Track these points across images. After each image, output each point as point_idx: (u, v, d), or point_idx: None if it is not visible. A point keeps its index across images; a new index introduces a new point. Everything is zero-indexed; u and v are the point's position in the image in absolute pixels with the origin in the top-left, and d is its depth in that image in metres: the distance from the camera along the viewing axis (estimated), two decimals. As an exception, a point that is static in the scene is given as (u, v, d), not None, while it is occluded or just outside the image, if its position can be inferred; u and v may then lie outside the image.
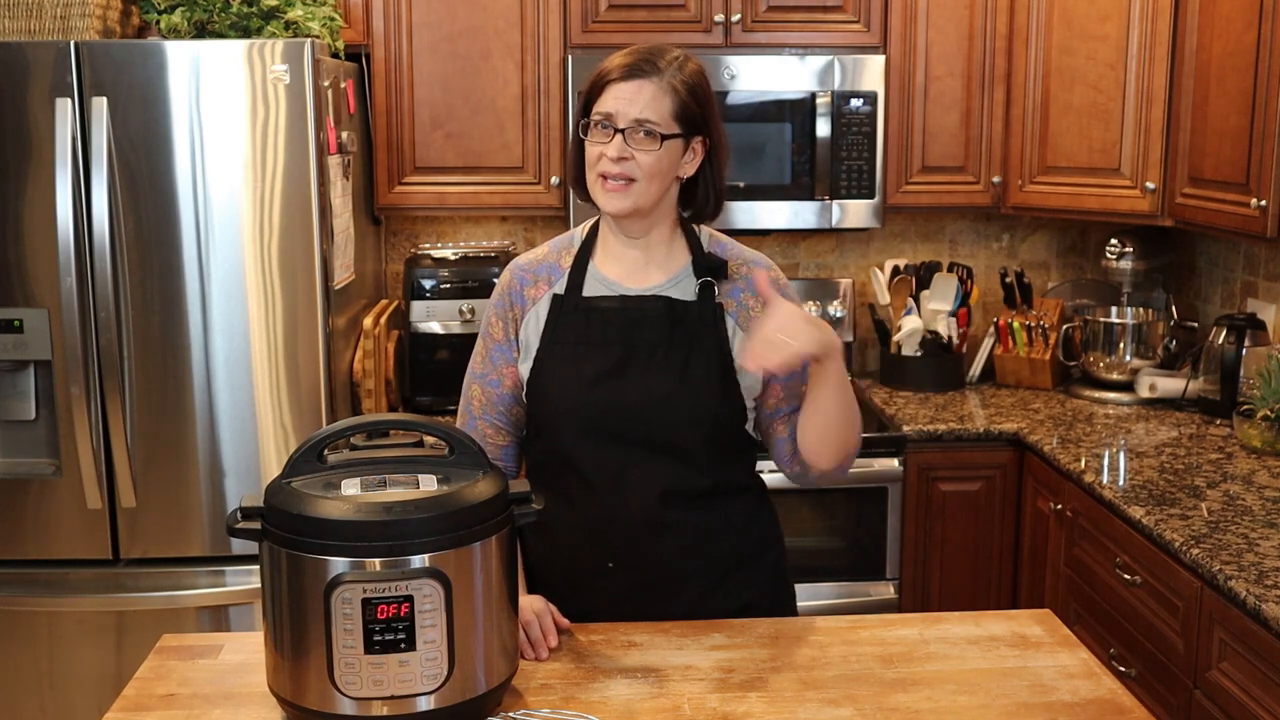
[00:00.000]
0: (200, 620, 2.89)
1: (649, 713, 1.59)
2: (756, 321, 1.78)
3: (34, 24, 2.81)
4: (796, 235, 3.77)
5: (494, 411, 1.96)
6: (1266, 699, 2.02)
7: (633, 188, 1.82)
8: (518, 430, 1.98)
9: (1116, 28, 3.20)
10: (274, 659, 1.54)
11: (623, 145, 1.81)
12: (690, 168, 1.88)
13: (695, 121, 1.85)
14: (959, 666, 1.72)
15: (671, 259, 1.93)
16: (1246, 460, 2.82)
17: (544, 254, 1.98)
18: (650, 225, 1.91)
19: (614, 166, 1.81)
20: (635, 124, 1.80)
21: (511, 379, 1.94)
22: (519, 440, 1.99)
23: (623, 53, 1.85)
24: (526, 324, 1.93)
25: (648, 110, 1.80)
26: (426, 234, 3.73)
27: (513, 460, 2.00)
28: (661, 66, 1.82)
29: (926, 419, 3.26)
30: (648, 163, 1.81)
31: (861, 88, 3.35)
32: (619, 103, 1.81)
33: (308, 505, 1.48)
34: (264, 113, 2.75)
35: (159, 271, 2.79)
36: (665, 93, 1.81)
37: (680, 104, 1.82)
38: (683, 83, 1.83)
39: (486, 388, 1.96)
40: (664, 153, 1.82)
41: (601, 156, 1.82)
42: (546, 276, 1.95)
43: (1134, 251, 3.52)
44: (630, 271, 1.93)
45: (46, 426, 2.85)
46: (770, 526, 2.02)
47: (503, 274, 1.98)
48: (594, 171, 1.84)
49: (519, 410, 1.96)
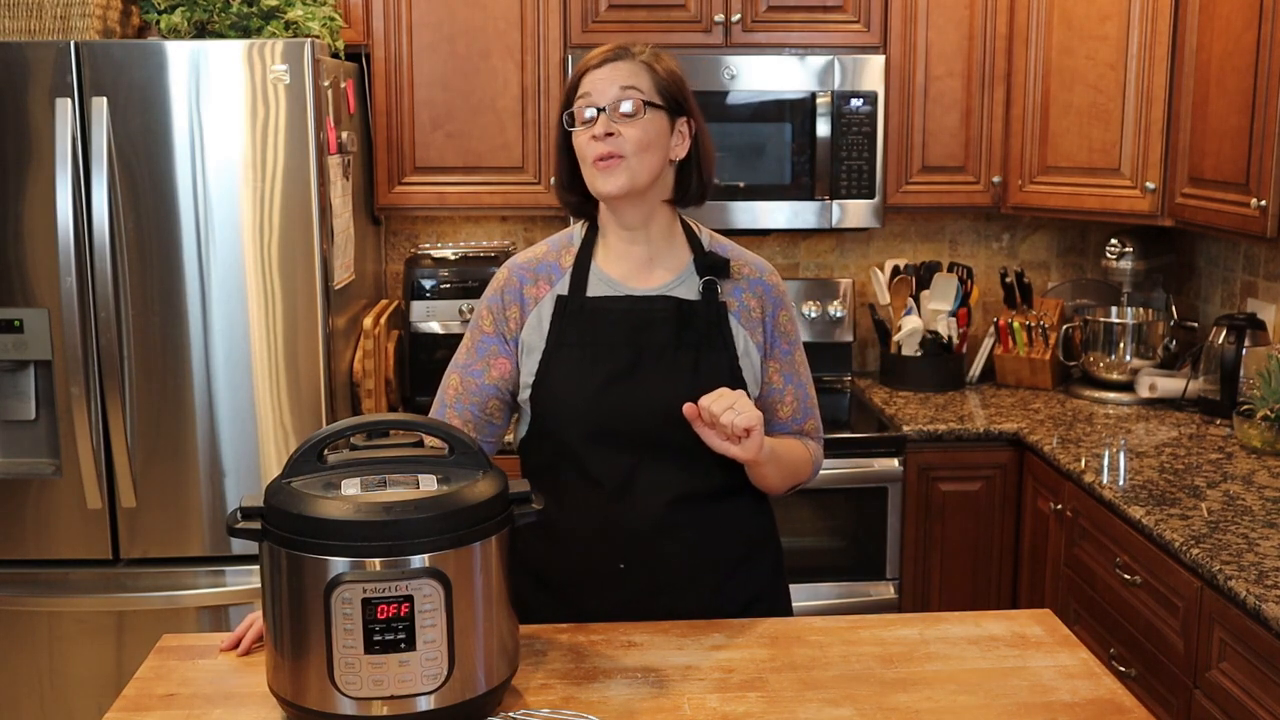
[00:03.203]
0: (200, 620, 2.89)
1: (649, 713, 1.59)
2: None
3: (34, 24, 2.82)
4: (796, 235, 3.77)
5: (468, 401, 1.93)
6: (1266, 699, 2.02)
7: (624, 164, 1.82)
8: (488, 427, 1.95)
9: (1116, 28, 3.20)
10: (274, 659, 1.54)
11: (608, 121, 1.82)
12: (680, 150, 1.89)
13: (676, 99, 1.87)
14: (959, 666, 1.72)
15: (674, 257, 1.93)
16: (1246, 460, 2.82)
17: (543, 253, 1.97)
18: (648, 213, 1.90)
19: (602, 145, 1.81)
20: (618, 93, 1.82)
21: (498, 371, 1.92)
22: (487, 440, 1.96)
23: (598, 49, 1.89)
24: (528, 325, 1.92)
25: (628, 83, 1.83)
26: (426, 234, 3.73)
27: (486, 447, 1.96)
28: (635, 52, 1.87)
29: (926, 419, 3.26)
30: (635, 135, 1.82)
31: (861, 88, 3.36)
32: (595, 84, 1.83)
33: (308, 505, 1.48)
34: (264, 113, 2.75)
35: (159, 271, 2.79)
36: (642, 70, 1.85)
37: (658, 80, 1.85)
38: (658, 62, 1.87)
39: (467, 378, 1.94)
40: (649, 122, 1.83)
41: (589, 141, 1.83)
42: (547, 276, 1.94)
43: (1134, 251, 3.52)
44: (634, 270, 1.92)
45: (46, 426, 2.85)
46: (769, 523, 2.04)
47: (499, 271, 1.97)
48: (587, 162, 1.85)
49: (496, 405, 1.94)
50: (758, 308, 1.94)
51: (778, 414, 1.97)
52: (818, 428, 2.04)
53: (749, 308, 1.93)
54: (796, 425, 2.00)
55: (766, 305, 1.95)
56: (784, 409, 1.98)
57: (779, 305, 1.96)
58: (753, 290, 1.94)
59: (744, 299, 1.93)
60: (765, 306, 1.95)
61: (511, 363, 1.93)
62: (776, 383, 1.97)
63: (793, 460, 1.95)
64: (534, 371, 1.90)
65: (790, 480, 1.96)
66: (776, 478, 1.92)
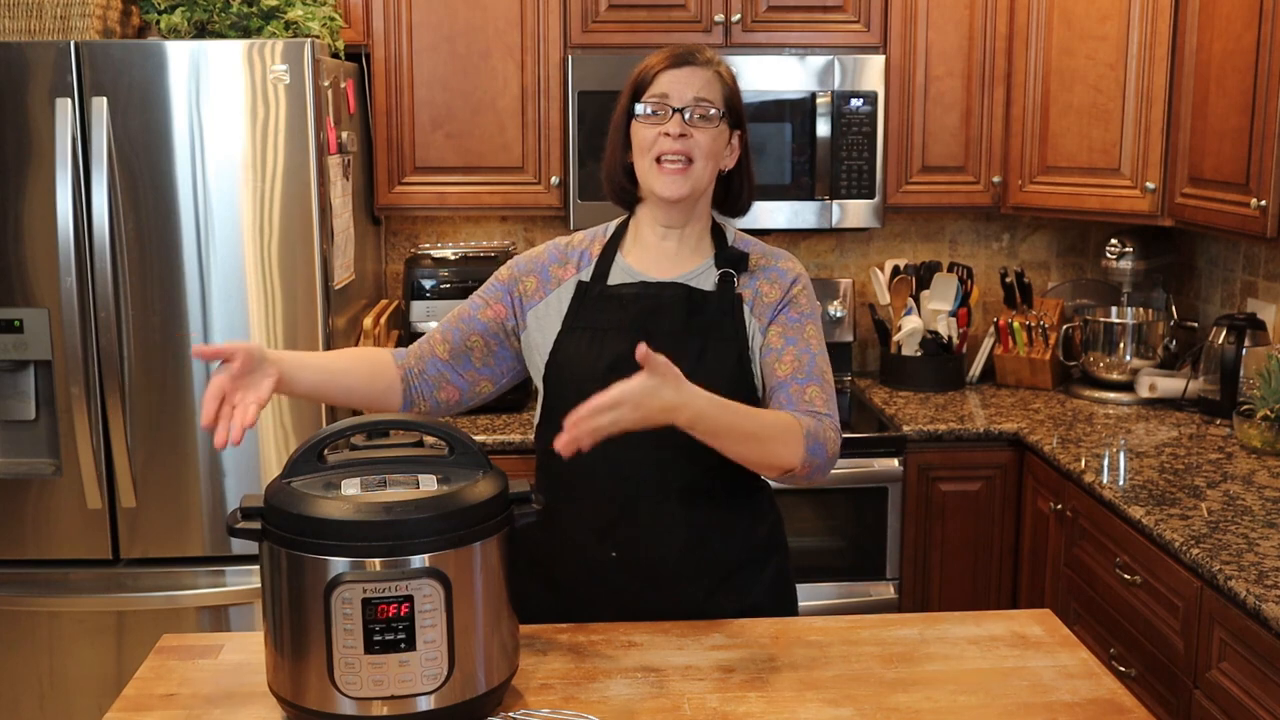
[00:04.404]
0: (200, 620, 2.89)
1: (649, 713, 1.59)
2: None
3: (34, 24, 2.82)
4: (796, 235, 3.77)
5: (454, 326, 1.98)
6: (1266, 699, 2.02)
7: (691, 170, 1.86)
8: (463, 359, 1.96)
9: (1116, 28, 3.20)
10: (274, 659, 1.54)
11: (682, 123, 1.85)
12: (730, 161, 1.94)
13: (736, 113, 1.92)
14: (959, 666, 1.72)
15: (698, 253, 1.97)
16: (1246, 460, 2.82)
17: (580, 239, 2.03)
18: (692, 215, 1.94)
19: (675, 144, 1.84)
20: (694, 102, 1.86)
21: (491, 312, 1.97)
22: (459, 374, 1.97)
23: (663, 49, 1.92)
24: (547, 303, 1.96)
25: (705, 91, 1.87)
26: (426, 234, 3.73)
27: (433, 375, 1.96)
28: (709, 57, 1.91)
29: (926, 419, 3.26)
30: (705, 141, 1.86)
31: (861, 88, 3.36)
32: (675, 85, 1.87)
33: (308, 505, 1.48)
34: (264, 113, 2.75)
35: (159, 271, 2.79)
36: (715, 80, 1.90)
37: (728, 92, 1.91)
38: (728, 73, 1.92)
39: (464, 308, 2.00)
40: (719, 133, 1.89)
41: (660, 137, 1.85)
42: (576, 260, 1.99)
43: (1134, 251, 3.52)
44: (656, 261, 1.95)
45: (46, 426, 2.85)
46: (775, 531, 2.02)
47: (541, 245, 2.03)
48: (649, 156, 1.86)
49: (478, 341, 1.97)
50: (774, 293, 1.94)
51: (775, 373, 1.89)
52: (827, 402, 1.87)
53: (765, 296, 1.93)
54: (797, 385, 1.87)
55: (784, 287, 1.94)
56: (782, 367, 1.88)
57: (795, 283, 1.95)
58: (768, 277, 1.95)
59: (760, 288, 1.93)
60: (783, 289, 1.94)
61: (507, 312, 1.98)
62: (776, 344, 1.90)
63: (755, 438, 1.76)
64: (547, 353, 1.93)
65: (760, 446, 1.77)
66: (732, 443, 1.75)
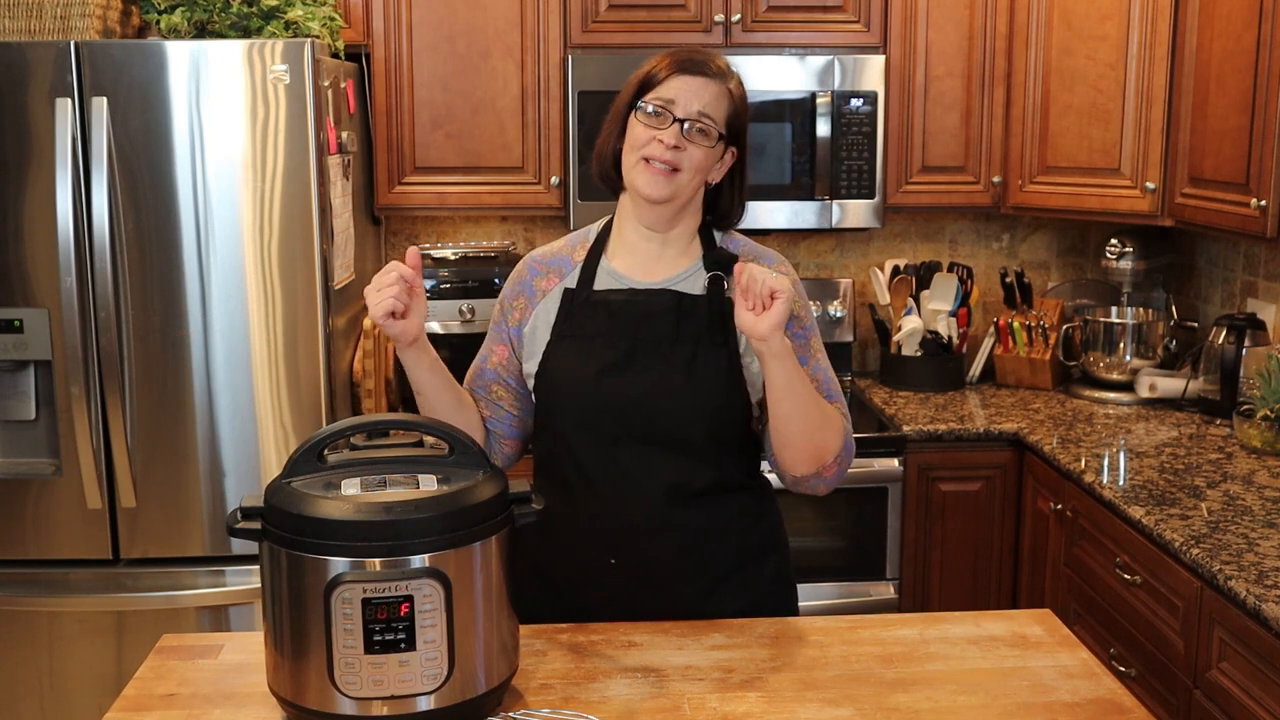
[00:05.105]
0: (200, 620, 2.89)
1: (649, 713, 1.59)
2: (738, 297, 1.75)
3: (34, 24, 2.82)
4: (796, 235, 3.77)
5: (475, 383, 2.01)
6: (1266, 699, 2.02)
7: (676, 177, 1.85)
8: (496, 407, 1.99)
9: (1116, 28, 3.20)
10: (274, 659, 1.54)
11: (679, 134, 1.84)
12: (718, 174, 1.92)
13: (736, 131, 1.90)
14: (959, 666, 1.72)
15: (685, 256, 1.95)
16: (1246, 460, 2.82)
17: (559, 247, 2.01)
18: (675, 222, 1.93)
19: (665, 152, 1.83)
20: (697, 116, 1.84)
21: (496, 358, 1.98)
22: (499, 419, 1.99)
23: (677, 50, 1.90)
24: (536, 316, 1.95)
25: (710, 107, 1.85)
26: (426, 234, 3.73)
27: (498, 429, 1.99)
28: (723, 69, 1.89)
29: (926, 419, 3.26)
30: (698, 157, 1.85)
31: (861, 88, 3.36)
32: (682, 93, 1.85)
33: (308, 505, 1.48)
34: (264, 113, 2.75)
35: (159, 271, 2.79)
36: (724, 96, 1.87)
37: (733, 111, 1.88)
38: (738, 92, 1.90)
39: (477, 362, 2.02)
40: (713, 152, 1.87)
41: (653, 140, 1.84)
42: (558, 269, 1.97)
43: (1134, 251, 3.52)
44: (642, 264, 1.94)
45: (46, 426, 2.85)
46: (774, 529, 2.01)
47: (519, 264, 2.02)
48: (637, 153, 1.85)
49: (499, 388, 1.98)
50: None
51: None
52: (845, 413, 1.92)
53: None
54: None
55: None
56: None
57: None
58: None
59: None
60: None
61: (509, 350, 1.97)
62: None
63: (819, 408, 1.83)
64: (537, 363, 1.93)
65: (813, 432, 1.83)
66: (797, 415, 1.80)
